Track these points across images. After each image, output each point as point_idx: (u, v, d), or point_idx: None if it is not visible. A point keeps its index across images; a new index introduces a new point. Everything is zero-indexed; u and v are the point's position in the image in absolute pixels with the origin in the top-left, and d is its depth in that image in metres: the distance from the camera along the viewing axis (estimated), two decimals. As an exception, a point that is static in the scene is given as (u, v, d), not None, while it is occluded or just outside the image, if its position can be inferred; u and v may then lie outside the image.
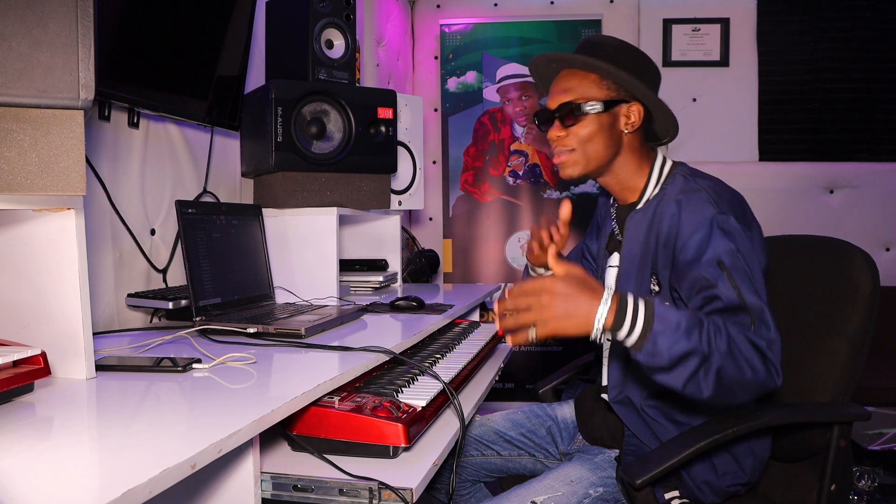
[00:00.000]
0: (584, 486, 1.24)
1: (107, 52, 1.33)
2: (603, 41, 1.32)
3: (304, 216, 1.84)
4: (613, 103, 1.28)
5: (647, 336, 0.99)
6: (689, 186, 1.23)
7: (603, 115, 1.28)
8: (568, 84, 1.30)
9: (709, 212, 1.16)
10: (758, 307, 1.08)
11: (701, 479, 1.20)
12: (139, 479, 0.57)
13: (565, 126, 1.29)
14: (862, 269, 1.27)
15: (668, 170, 1.32)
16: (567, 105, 1.28)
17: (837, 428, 1.18)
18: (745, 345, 1.03)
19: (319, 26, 1.85)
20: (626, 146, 1.31)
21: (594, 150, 1.29)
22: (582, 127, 1.28)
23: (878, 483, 2.28)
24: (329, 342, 1.23)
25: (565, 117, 1.29)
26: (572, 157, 1.30)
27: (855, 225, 3.28)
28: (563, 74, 1.32)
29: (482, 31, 3.40)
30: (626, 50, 1.31)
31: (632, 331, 1.00)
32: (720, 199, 1.19)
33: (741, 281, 1.09)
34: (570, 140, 1.29)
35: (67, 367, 0.95)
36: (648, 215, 1.27)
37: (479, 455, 1.56)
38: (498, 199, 3.39)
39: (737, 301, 1.08)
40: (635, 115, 1.29)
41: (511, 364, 3.23)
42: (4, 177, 0.82)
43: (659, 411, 1.25)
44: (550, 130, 1.32)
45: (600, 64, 1.26)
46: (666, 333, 0.99)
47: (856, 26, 3.32)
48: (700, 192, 1.20)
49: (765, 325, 1.07)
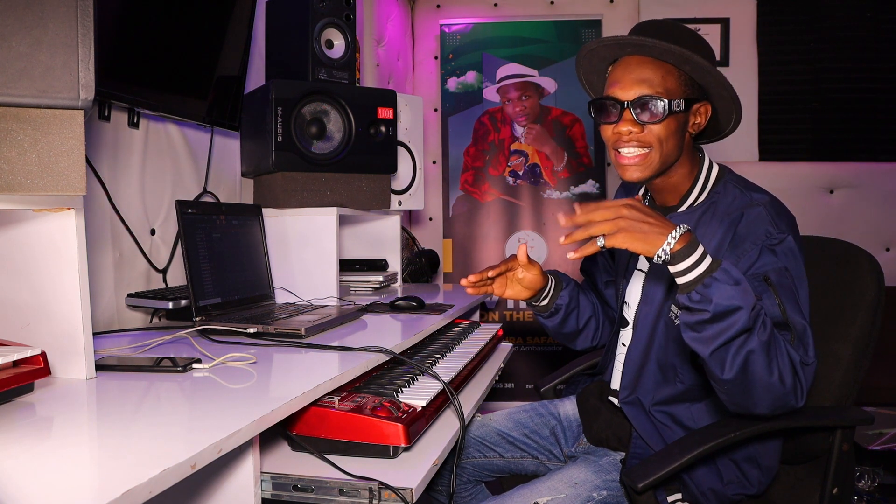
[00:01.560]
0: (587, 488, 1.22)
1: (107, 52, 1.33)
2: (677, 28, 1.20)
3: (304, 216, 1.84)
4: (692, 102, 1.18)
5: (705, 279, 0.96)
6: (745, 202, 1.17)
7: (681, 114, 1.17)
8: (645, 73, 1.16)
9: (765, 231, 1.12)
10: (801, 326, 1.06)
11: (706, 486, 1.18)
12: (139, 479, 0.57)
13: (640, 122, 1.16)
14: (867, 272, 1.26)
15: (716, 175, 1.25)
16: (649, 99, 1.15)
17: (840, 432, 1.17)
18: (783, 351, 1.01)
19: (319, 26, 1.85)
20: (686, 148, 1.22)
21: (668, 152, 1.18)
22: (663, 125, 1.16)
23: (879, 483, 2.28)
24: (329, 342, 1.23)
25: (644, 112, 1.15)
26: (647, 159, 1.18)
27: (855, 225, 3.28)
28: (634, 61, 1.18)
29: (482, 31, 3.40)
30: (703, 41, 1.20)
31: (694, 267, 0.97)
32: (779, 217, 1.14)
33: (786, 299, 1.07)
34: (646, 137, 1.16)
35: (67, 367, 0.94)
36: (692, 221, 1.22)
37: (480, 456, 1.55)
38: (498, 199, 3.39)
39: (780, 317, 1.06)
40: (703, 116, 1.21)
41: (511, 364, 3.23)
42: (4, 177, 0.82)
43: (668, 416, 1.24)
44: (621, 124, 1.17)
45: (694, 57, 1.13)
46: (724, 284, 0.95)
47: (856, 26, 3.31)
48: (759, 209, 1.15)
49: (803, 347, 1.05)
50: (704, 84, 1.20)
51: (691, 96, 1.18)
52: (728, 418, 1.17)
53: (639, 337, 1.31)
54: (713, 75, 1.16)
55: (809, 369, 1.04)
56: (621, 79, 1.18)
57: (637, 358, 1.30)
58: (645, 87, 1.16)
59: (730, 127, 1.27)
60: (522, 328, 3.36)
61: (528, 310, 3.36)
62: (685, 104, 1.16)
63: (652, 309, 1.28)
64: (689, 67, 1.17)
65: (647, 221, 0.98)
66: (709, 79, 1.18)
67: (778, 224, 1.13)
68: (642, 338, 1.29)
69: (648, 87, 1.15)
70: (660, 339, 1.26)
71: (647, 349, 1.28)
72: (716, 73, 1.15)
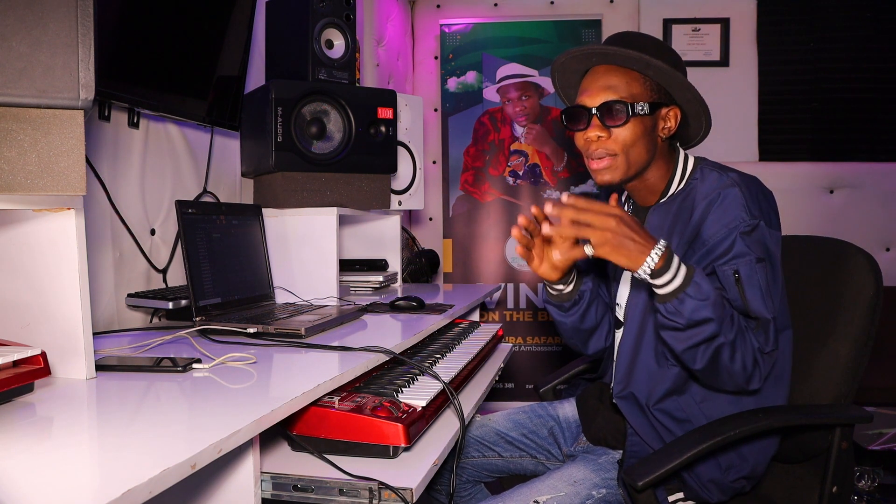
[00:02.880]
0: (586, 486, 1.23)
1: (107, 52, 1.33)
2: (641, 37, 1.25)
3: (304, 216, 1.84)
4: (657, 106, 1.22)
5: (678, 294, 1.06)
6: (723, 182, 1.19)
7: (647, 117, 1.21)
8: (611, 81, 1.21)
9: (738, 216, 1.15)
10: (764, 319, 1.12)
11: (707, 479, 1.19)
12: (139, 479, 0.57)
13: (606, 127, 1.21)
14: (865, 271, 1.27)
15: (693, 165, 1.28)
16: (611, 104, 1.19)
17: (839, 430, 1.18)
18: (748, 341, 1.10)
19: (319, 26, 1.85)
20: (658, 151, 1.25)
21: (636, 156, 1.22)
22: (626, 129, 1.20)
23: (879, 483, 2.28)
24: (329, 342, 1.23)
25: (608, 117, 1.20)
26: (614, 163, 1.22)
27: (855, 225, 3.28)
28: (601, 70, 1.23)
29: (482, 31, 3.40)
30: (666, 47, 1.25)
31: (670, 282, 1.06)
32: (752, 199, 1.16)
33: (752, 293, 1.12)
34: (613, 143, 1.21)
35: (67, 367, 0.94)
36: (673, 209, 1.25)
37: (480, 456, 1.55)
38: (498, 199, 3.39)
39: (742, 309, 1.13)
40: (672, 121, 1.24)
41: (511, 364, 3.23)
42: (4, 177, 0.82)
43: (664, 413, 1.24)
44: (588, 130, 1.22)
45: (655, 62, 1.17)
46: (694, 299, 1.05)
47: (856, 26, 3.31)
48: (734, 189, 1.17)
49: (765, 335, 1.12)
50: (670, 88, 1.23)
51: (657, 100, 1.22)
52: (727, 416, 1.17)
53: (629, 330, 1.31)
54: (674, 78, 1.20)
55: (769, 357, 1.13)
56: (589, 87, 1.23)
57: (629, 350, 1.31)
58: (610, 92, 1.20)
59: (702, 131, 1.30)
60: (522, 328, 3.36)
61: (527, 310, 3.36)
62: (650, 107, 1.20)
63: (640, 301, 1.30)
64: (652, 72, 1.20)
65: (632, 238, 1.05)
66: (672, 82, 1.21)
67: (751, 209, 1.15)
68: (632, 330, 1.31)
69: (613, 93, 1.20)
70: (650, 328, 1.28)
71: (638, 341, 1.29)
72: (676, 75, 1.19)
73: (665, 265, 1.05)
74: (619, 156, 1.22)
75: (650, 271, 1.06)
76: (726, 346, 1.08)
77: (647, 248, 1.05)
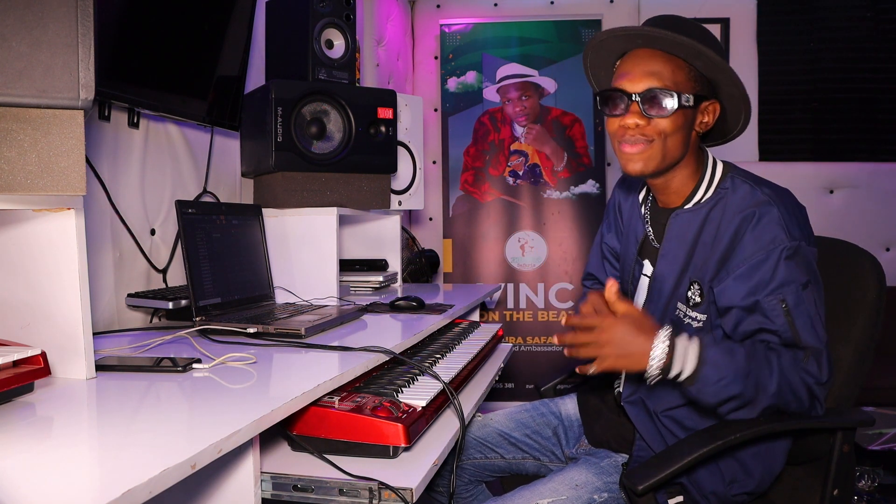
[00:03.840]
0: (588, 490, 1.22)
1: (107, 52, 1.33)
2: (687, 23, 1.17)
3: (304, 216, 1.84)
4: (700, 98, 1.15)
5: (695, 380, 1.06)
6: (757, 199, 1.13)
7: (689, 110, 1.14)
8: (656, 66, 1.13)
9: (777, 236, 1.09)
10: (815, 349, 1.09)
11: (709, 490, 1.17)
12: (139, 479, 0.57)
13: (647, 115, 1.13)
14: (868, 273, 1.25)
15: (721, 172, 1.22)
16: (656, 92, 1.12)
17: (841, 433, 1.16)
18: (796, 380, 1.07)
19: (319, 26, 1.85)
20: (691, 147, 1.19)
21: (672, 148, 1.15)
22: (668, 120, 1.13)
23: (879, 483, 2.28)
24: (329, 342, 1.23)
25: (652, 106, 1.13)
26: (648, 152, 1.15)
27: (855, 225, 3.28)
28: (644, 54, 1.16)
29: (482, 31, 3.40)
30: (712, 36, 1.17)
31: (681, 374, 1.07)
32: (790, 218, 1.11)
33: (802, 321, 1.08)
34: (651, 131, 1.14)
35: (67, 367, 0.94)
36: (699, 218, 1.19)
37: (482, 458, 1.54)
38: (498, 199, 3.39)
39: (791, 339, 1.09)
40: (711, 115, 1.18)
41: (511, 364, 3.23)
42: (4, 177, 0.82)
43: (673, 420, 1.23)
44: (627, 117, 1.15)
45: (710, 53, 1.09)
46: (715, 384, 1.05)
47: (856, 26, 3.31)
48: (772, 208, 1.11)
49: (818, 365, 1.08)
50: (715, 81, 1.17)
51: (701, 93, 1.15)
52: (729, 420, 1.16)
53: None
54: (725, 72, 1.13)
55: (823, 388, 1.09)
56: (630, 71, 1.15)
57: None
58: (654, 79, 1.13)
59: (738, 128, 1.25)
60: (522, 328, 3.36)
61: (527, 310, 3.36)
62: (694, 100, 1.14)
63: (657, 308, 1.27)
64: (701, 63, 1.14)
65: (627, 340, 1.07)
66: (720, 75, 1.15)
67: (790, 230, 1.10)
68: None
69: (658, 80, 1.13)
70: None
71: None
72: (728, 69, 1.12)
73: (670, 358, 1.06)
74: (657, 143, 1.15)
75: (659, 371, 1.06)
76: (772, 400, 1.06)
77: (647, 345, 1.06)
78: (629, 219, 1.41)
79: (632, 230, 1.38)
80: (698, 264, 1.18)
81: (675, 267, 1.22)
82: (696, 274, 1.19)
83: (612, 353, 1.08)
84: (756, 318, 1.10)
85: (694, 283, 1.19)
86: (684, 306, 1.21)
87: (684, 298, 1.21)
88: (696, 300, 1.19)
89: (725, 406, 1.08)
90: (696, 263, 1.19)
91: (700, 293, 1.18)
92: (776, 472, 1.21)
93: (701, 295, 1.18)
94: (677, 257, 1.22)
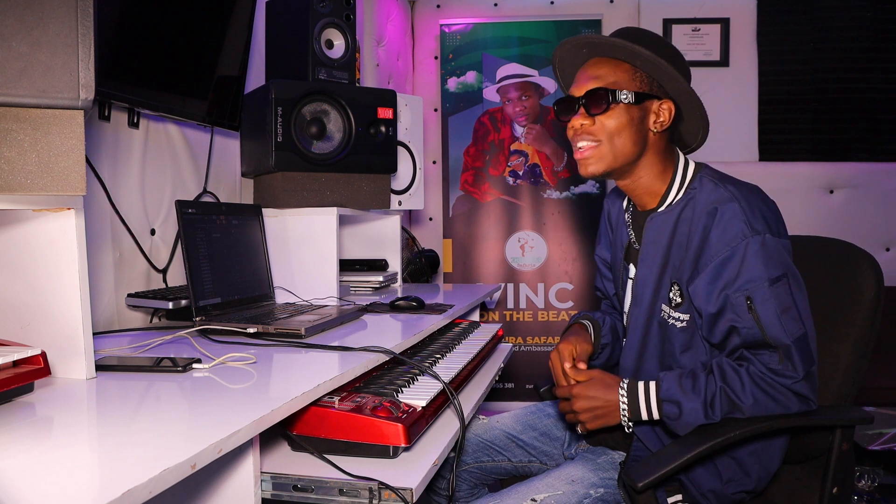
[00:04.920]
0: (584, 485, 1.23)
1: (107, 52, 1.33)
2: (640, 31, 1.24)
3: (303, 216, 1.84)
4: (645, 97, 1.19)
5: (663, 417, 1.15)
6: (720, 195, 1.16)
7: (633, 107, 1.19)
8: (598, 71, 1.21)
9: (740, 231, 1.11)
10: (784, 346, 1.09)
11: (707, 488, 1.18)
12: (139, 479, 0.57)
13: (591, 115, 1.20)
14: (866, 272, 1.26)
15: (693, 172, 1.25)
16: (596, 91, 1.18)
17: (840, 431, 1.17)
18: (772, 387, 1.10)
19: (319, 26, 1.85)
20: (651, 146, 1.23)
21: (621, 145, 1.20)
22: (610, 117, 1.19)
23: (878, 483, 2.28)
24: (329, 342, 1.23)
25: (592, 105, 1.19)
26: (597, 152, 1.21)
27: (855, 225, 3.28)
28: (593, 62, 1.24)
29: (482, 31, 3.40)
30: (665, 43, 1.23)
31: (650, 416, 1.17)
32: (752, 211, 1.13)
33: (769, 318, 1.09)
34: (596, 130, 1.20)
35: (67, 367, 0.94)
36: (671, 219, 1.22)
37: (489, 461, 1.52)
38: (498, 199, 3.39)
39: (760, 338, 1.10)
40: (665, 114, 1.21)
41: (511, 364, 3.23)
42: (4, 177, 0.82)
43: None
44: (573, 119, 1.22)
45: (641, 50, 1.15)
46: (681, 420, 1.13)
47: (856, 26, 3.31)
48: (732, 204, 1.13)
49: (791, 364, 1.09)
50: (660, 80, 1.21)
51: (647, 92, 1.20)
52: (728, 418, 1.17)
53: (631, 341, 1.30)
54: (661, 68, 1.17)
55: (807, 380, 1.10)
56: (578, 78, 1.24)
57: (632, 359, 1.30)
58: (596, 81, 1.20)
59: (701, 129, 1.26)
60: (522, 328, 3.36)
61: (527, 310, 3.36)
62: (635, 97, 1.18)
63: (642, 311, 1.28)
64: (640, 62, 1.19)
65: (596, 401, 1.20)
66: (660, 72, 1.19)
67: (753, 223, 1.12)
68: (635, 341, 1.29)
69: (599, 82, 1.20)
70: (654, 340, 1.26)
71: (641, 350, 1.28)
72: (662, 64, 1.16)
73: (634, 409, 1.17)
74: (603, 144, 1.20)
75: (631, 423, 1.19)
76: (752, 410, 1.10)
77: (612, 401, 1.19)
78: (616, 225, 1.45)
79: (618, 236, 1.42)
80: (676, 265, 1.21)
81: (654, 269, 1.25)
82: (674, 275, 1.21)
83: (589, 417, 1.21)
84: (728, 315, 1.12)
85: (674, 283, 1.22)
86: (667, 307, 1.23)
87: (667, 300, 1.23)
88: (677, 301, 1.21)
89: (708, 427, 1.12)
90: (673, 264, 1.21)
91: (680, 294, 1.20)
92: (773, 471, 1.21)
93: (681, 295, 1.20)
94: (655, 260, 1.25)
